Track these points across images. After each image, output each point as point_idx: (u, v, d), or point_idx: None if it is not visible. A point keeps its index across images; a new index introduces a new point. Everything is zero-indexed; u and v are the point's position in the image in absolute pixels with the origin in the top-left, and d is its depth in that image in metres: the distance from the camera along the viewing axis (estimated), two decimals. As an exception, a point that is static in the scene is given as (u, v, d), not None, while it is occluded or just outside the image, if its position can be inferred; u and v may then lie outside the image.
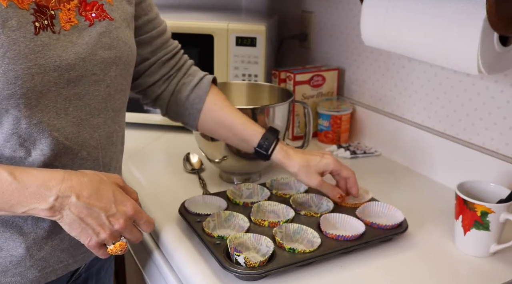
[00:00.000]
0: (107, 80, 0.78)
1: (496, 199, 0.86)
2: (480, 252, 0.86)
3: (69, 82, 0.72)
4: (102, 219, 0.70)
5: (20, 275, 0.75)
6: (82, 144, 0.76)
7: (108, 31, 0.78)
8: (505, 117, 1.01)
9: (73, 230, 0.70)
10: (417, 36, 0.94)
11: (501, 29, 0.80)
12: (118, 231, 0.72)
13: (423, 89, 1.19)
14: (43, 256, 0.76)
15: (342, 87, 1.45)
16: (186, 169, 1.18)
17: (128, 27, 0.84)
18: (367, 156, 1.29)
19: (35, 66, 0.67)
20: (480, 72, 0.86)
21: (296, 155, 0.94)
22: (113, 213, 0.71)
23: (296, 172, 0.93)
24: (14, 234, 0.73)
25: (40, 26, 0.69)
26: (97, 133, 0.79)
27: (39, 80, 0.68)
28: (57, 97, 0.71)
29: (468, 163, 1.07)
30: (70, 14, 0.74)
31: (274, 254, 0.80)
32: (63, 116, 0.73)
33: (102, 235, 0.71)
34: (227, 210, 0.93)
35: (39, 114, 0.70)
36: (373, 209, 0.94)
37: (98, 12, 0.77)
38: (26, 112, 0.69)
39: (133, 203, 0.74)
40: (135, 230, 0.75)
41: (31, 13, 0.68)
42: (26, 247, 0.74)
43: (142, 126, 1.43)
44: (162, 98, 0.98)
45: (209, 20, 1.38)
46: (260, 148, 0.94)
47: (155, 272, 0.97)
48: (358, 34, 1.35)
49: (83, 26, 0.75)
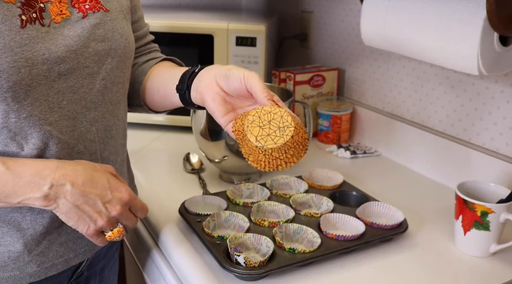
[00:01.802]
0: (102, 72, 0.77)
1: (496, 199, 0.87)
2: (480, 252, 0.86)
3: (61, 75, 0.72)
4: (98, 206, 0.71)
5: (19, 270, 0.75)
6: (78, 138, 0.76)
7: (103, 22, 0.77)
8: (505, 117, 1.01)
9: (70, 219, 0.70)
10: (417, 36, 0.94)
11: (501, 29, 0.80)
12: (115, 218, 0.73)
13: (423, 89, 1.18)
14: (41, 251, 0.76)
15: (342, 87, 1.45)
16: (186, 169, 1.18)
17: (125, 19, 0.83)
18: (367, 156, 1.29)
19: (21, 59, 0.67)
20: (480, 72, 0.86)
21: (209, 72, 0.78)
22: (109, 199, 0.71)
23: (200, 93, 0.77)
24: (11, 230, 0.73)
25: (27, 19, 0.68)
26: (94, 127, 0.78)
27: (26, 73, 0.67)
28: (48, 90, 0.71)
29: (468, 163, 1.07)
30: (61, 6, 0.73)
31: (274, 254, 0.80)
32: (57, 109, 0.73)
33: (99, 222, 0.71)
34: (227, 210, 0.93)
35: (28, 108, 0.69)
36: (373, 209, 0.94)
37: (93, 3, 0.77)
38: (14, 106, 0.68)
39: (128, 189, 0.74)
40: (131, 215, 0.76)
41: (17, 6, 0.68)
42: (24, 243, 0.74)
43: (142, 126, 1.43)
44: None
45: (209, 20, 1.38)
46: (180, 92, 0.81)
47: (155, 272, 0.97)
48: (358, 34, 1.35)
49: (75, 18, 0.74)
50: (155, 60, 0.95)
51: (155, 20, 1.35)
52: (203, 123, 1.06)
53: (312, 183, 1.05)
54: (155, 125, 1.44)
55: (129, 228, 0.77)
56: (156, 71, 0.91)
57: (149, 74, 0.92)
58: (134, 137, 1.37)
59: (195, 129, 1.09)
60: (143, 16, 0.96)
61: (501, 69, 0.88)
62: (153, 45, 1.00)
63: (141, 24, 0.95)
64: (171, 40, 1.35)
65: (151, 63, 0.94)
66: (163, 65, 0.94)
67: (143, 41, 0.97)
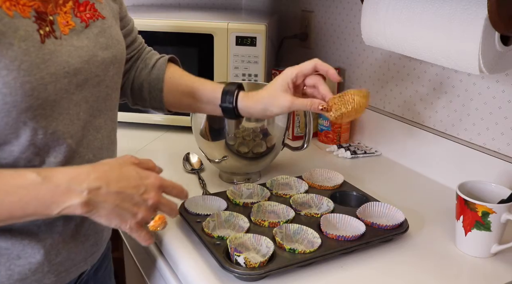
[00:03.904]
0: (106, 80, 0.78)
1: (497, 199, 0.86)
2: (481, 253, 0.86)
3: (77, 87, 0.72)
4: (136, 199, 0.70)
5: (37, 281, 0.74)
6: (87, 146, 0.76)
7: (103, 30, 0.77)
8: (507, 117, 1.00)
9: (112, 220, 0.70)
10: (417, 36, 0.94)
11: (502, 28, 0.80)
12: (154, 205, 0.72)
13: (423, 88, 1.18)
14: (60, 261, 0.76)
15: (342, 87, 1.44)
16: (186, 169, 1.18)
17: (117, 24, 0.83)
18: (367, 156, 1.29)
19: (47, 75, 0.66)
20: (481, 71, 0.85)
21: (258, 91, 0.90)
22: (143, 190, 0.71)
23: (264, 108, 0.88)
24: (32, 241, 0.72)
25: (44, 33, 0.68)
26: (100, 134, 0.78)
27: (52, 89, 0.67)
28: (69, 103, 0.71)
29: (469, 163, 1.07)
30: (67, 17, 0.73)
31: (274, 254, 0.80)
32: (76, 121, 0.73)
33: (139, 214, 0.71)
34: (227, 210, 0.92)
35: (53, 123, 0.69)
36: (373, 209, 0.94)
37: (91, 12, 0.77)
38: (42, 123, 0.68)
39: (156, 175, 0.74)
40: (167, 200, 0.75)
41: (33, 21, 0.67)
42: (44, 253, 0.73)
43: (142, 126, 1.42)
44: (124, 89, 0.98)
45: (209, 20, 1.38)
46: (224, 103, 0.91)
47: (155, 272, 0.96)
48: (358, 34, 1.35)
49: (79, 28, 0.74)
50: (163, 63, 0.97)
51: (155, 20, 1.35)
52: (203, 123, 1.06)
53: (312, 183, 1.05)
54: (155, 125, 1.43)
55: (171, 216, 0.76)
56: (178, 84, 0.96)
57: (168, 82, 0.96)
58: (134, 137, 1.37)
59: (195, 129, 1.09)
60: (127, 11, 0.96)
61: (502, 68, 0.88)
62: (141, 41, 1.01)
63: (128, 19, 0.96)
64: (171, 40, 1.35)
65: (161, 68, 0.96)
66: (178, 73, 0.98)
67: (133, 35, 0.97)
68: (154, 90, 0.96)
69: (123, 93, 0.98)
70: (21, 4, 0.66)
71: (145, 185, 0.71)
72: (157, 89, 0.96)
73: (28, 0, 0.67)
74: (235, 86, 0.92)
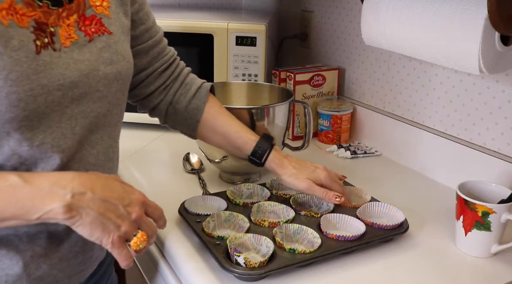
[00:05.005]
0: (109, 96, 0.76)
1: (497, 199, 0.86)
2: (481, 253, 0.86)
3: (73, 100, 0.70)
4: (120, 210, 0.68)
5: None
6: (80, 161, 0.74)
7: (108, 45, 0.76)
8: (507, 117, 1.00)
9: (94, 230, 0.66)
10: (417, 36, 0.93)
11: (502, 28, 0.80)
12: (137, 220, 0.70)
13: (424, 89, 1.18)
14: (39, 275, 0.72)
15: (342, 87, 1.44)
16: (186, 169, 1.18)
17: (126, 40, 0.82)
18: (367, 156, 1.29)
19: (38, 87, 0.65)
20: (481, 71, 0.85)
21: (290, 164, 0.94)
22: (128, 202, 0.70)
23: (286, 179, 0.93)
24: (10, 252, 0.70)
25: (41, 44, 0.66)
26: (95, 149, 0.76)
27: (42, 101, 0.66)
28: (61, 116, 0.69)
29: (469, 163, 1.07)
30: (69, 30, 0.71)
31: (274, 254, 0.80)
32: (70, 136, 0.71)
33: (123, 227, 0.68)
34: (227, 210, 0.92)
35: (40, 135, 0.67)
36: (373, 209, 0.94)
37: (97, 26, 0.75)
38: (27, 134, 0.66)
39: (140, 191, 0.74)
40: (149, 220, 0.74)
41: (31, 31, 0.66)
42: (23, 265, 0.71)
43: (142, 126, 1.42)
44: (159, 109, 0.98)
45: (209, 20, 1.38)
46: (253, 156, 0.95)
47: (154, 272, 0.96)
48: (358, 34, 1.35)
49: (83, 41, 0.73)
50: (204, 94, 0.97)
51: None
52: (203, 123, 1.06)
53: (312, 183, 1.05)
54: (155, 125, 1.43)
55: (149, 235, 0.73)
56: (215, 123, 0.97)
57: (206, 117, 0.97)
58: (134, 137, 1.37)
59: (195, 129, 1.09)
60: (155, 21, 0.95)
61: (502, 68, 0.88)
62: (173, 52, 0.99)
63: (156, 29, 0.94)
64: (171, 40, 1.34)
65: (202, 100, 0.97)
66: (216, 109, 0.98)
67: (161, 45, 0.96)
68: (191, 119, 0.97)
69: (156, 112, 0.99)
70: (20, 13, 0.65)
71: (130, 199, 0.70)
72: (195, 119, 0.97)
73: (29, 10, 0.66)
74: (268, 144, 0.95)
